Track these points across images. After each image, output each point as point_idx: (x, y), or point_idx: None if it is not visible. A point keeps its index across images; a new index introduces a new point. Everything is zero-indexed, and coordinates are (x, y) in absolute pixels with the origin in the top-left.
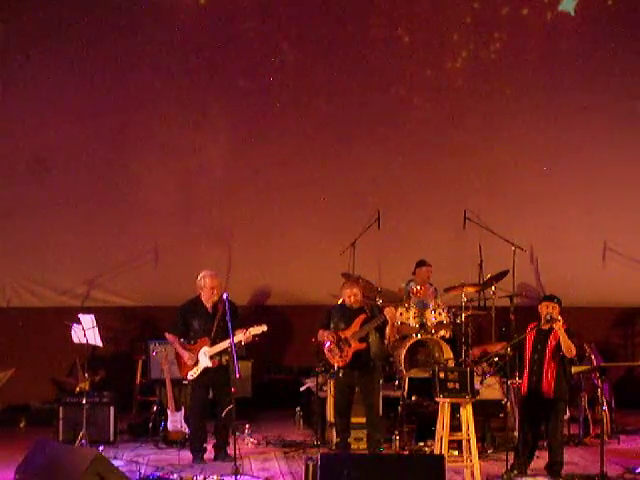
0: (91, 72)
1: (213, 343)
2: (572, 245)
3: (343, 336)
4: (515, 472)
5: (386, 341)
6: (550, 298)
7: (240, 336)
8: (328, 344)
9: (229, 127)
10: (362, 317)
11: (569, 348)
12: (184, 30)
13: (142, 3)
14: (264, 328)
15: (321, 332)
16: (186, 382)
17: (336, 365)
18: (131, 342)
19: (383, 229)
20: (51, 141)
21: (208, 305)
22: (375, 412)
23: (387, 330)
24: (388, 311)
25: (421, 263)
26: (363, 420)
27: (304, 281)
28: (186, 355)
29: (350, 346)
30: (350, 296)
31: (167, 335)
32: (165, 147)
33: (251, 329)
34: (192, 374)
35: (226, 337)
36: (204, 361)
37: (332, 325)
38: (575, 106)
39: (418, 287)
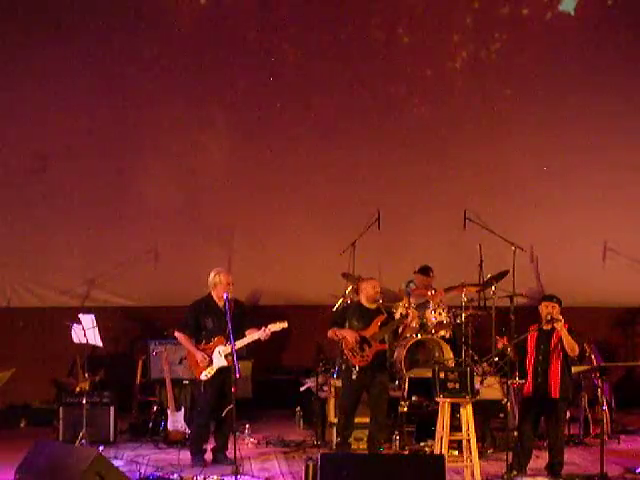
0: (91, 72)
1: (227, 342)
2: (572, 245)
3: (363, 335)
4: (514, 472)
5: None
6: (549, 298)
7: (259, 333)
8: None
9: (229, 127)
10: (381, 318)
11: (572, 347)
12: (184, 30)
13: (143, 3)
14: (284, 325)
15: (335, 330)
16: (187, 382)
17: (357, 365)
18: (131, 342)
19: (383, 229)
20: (51, 141)
21: (221, 304)
22: (382, 413)
23: (400, 331)
24: (412, 312)
25: (421, 271)
26: (365, 420)
27: (304, 281)
28: (199, 356)
29: (371, 346)
30: (375, 287)
31: (178, 335)
32: (165, 147)
33: (270, 326)
34: (206, 374)
35: (240, 336)
36: (219, 360)
37: (347, 324)
38: (575, 106)
39: (414, 286)
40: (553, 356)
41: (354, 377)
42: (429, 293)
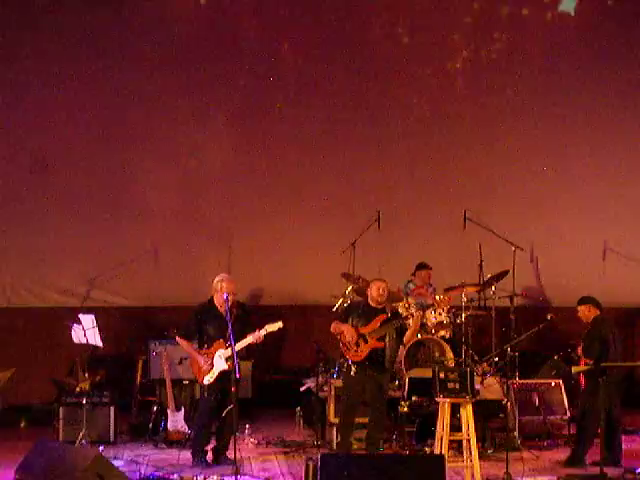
0: (91, 72)
1: (228, 346)
2: (572, 245)
3: (361, 332)
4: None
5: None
6: (579, 301)
7: (255, 335)
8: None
9: (229, 127)
10: (382, 316)
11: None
12: (184, 30)
13: (143, 3)
14: (280, 325)
15: (336, 324)
16: (187, 382)
17: (350, 360)
18: (131, 342)
19: (383, 229)
20: (51, 141)
21: (222, 309)
22: (381, 414)
23: (408, 334)
24: (417, 315)
25: (421, 266)
26: (364, 420)
27: (304, 281)
28: (201, 360)
29: (367, 343)
30: (378, 288)
31: (179, 340)
32: (165, 147)
33: (267, 326)
34: (209, 379)
35: (240, 339)
36: (220, 364)
37: (350, 321)
38: (575, 106)
39: (413, 286)
40: None
41: (352, 374)
42: (437, 298)
